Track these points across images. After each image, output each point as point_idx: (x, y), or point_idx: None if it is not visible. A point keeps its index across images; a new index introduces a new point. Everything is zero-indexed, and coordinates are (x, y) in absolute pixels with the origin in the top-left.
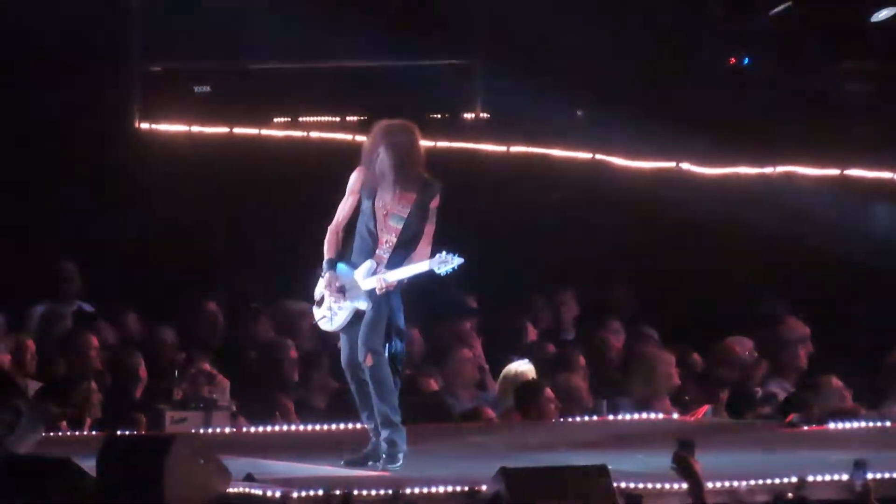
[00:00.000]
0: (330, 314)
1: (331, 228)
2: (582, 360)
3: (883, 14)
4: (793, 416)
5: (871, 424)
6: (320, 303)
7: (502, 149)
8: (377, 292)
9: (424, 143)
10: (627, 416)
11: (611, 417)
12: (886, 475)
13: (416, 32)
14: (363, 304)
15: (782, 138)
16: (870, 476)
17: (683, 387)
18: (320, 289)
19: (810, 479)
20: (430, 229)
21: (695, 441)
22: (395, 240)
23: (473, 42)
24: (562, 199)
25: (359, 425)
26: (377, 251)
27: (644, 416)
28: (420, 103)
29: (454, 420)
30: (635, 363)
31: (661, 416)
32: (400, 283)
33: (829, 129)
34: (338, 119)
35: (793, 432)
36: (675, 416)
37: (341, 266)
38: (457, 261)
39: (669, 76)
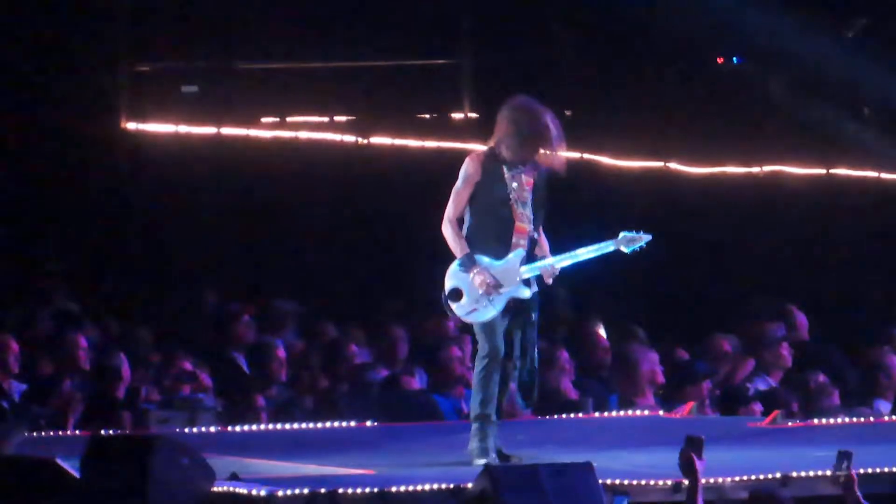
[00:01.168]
0: (481, 306)
1: (451, 221)
2: (566, 358)
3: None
4: (777, 413)
5: (853, 420)
6: (455, 297)
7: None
8: (546, 279)
9: (413, 143)
10: (613, 414)
11: (596, 415)
12: (874, 470)
13: (405, 32)
14: (526, 292)
15: (770, 137)
16: (854, 471)
17: (669, 383)
18: (458, 283)
19: (794, 474)
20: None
21: (703, 439)
22: (528, 227)
23: (461, 42)
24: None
25: (345, 424)
26: (514, 239)
27: (629, 413)
28: (408, 103)
29: (440, 418)
30: (620, 361)
31: (646, 413)
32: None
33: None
34: (326, 119)
35: (777, 428)
36: (661, 413)
37: (483, 258)
38: (645, 237)
39: (658, 75)
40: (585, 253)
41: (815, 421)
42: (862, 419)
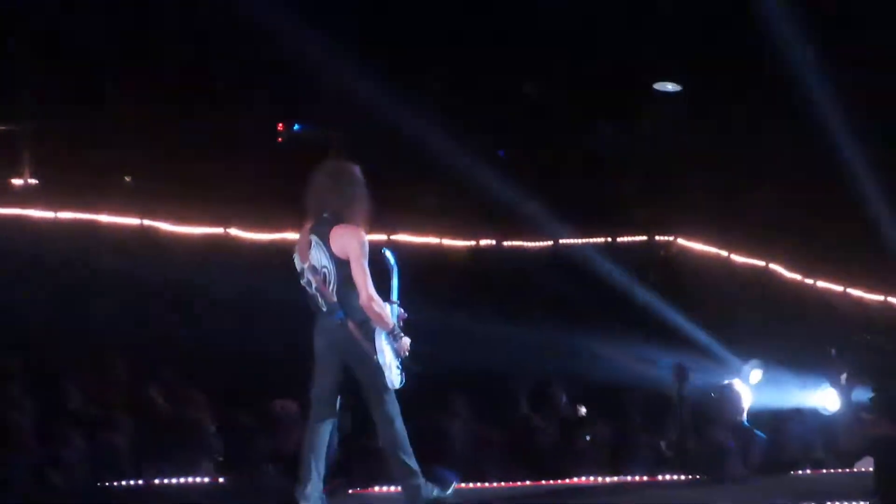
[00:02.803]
0: (397, 368)
1: (377, 296)
2: (125, 422)
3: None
4: (337, 483)
5: None
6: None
7: (51, 215)
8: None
9: None
10: (173, 481)
11: (157, 481)
12: None
13: None
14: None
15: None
16: None
17: (230, 450)
18: (389, 355)
19: None
20: None
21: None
22: None
23: (21, 106)
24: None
25: None
26: None
27: (190, 480)
28: None
29: None
30: (180, 426)
31: (206, 479)
32: None
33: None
34: None
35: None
36: (221, 479)
37: None
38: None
39: (218, 142)
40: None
41: (377, 488)
42: None
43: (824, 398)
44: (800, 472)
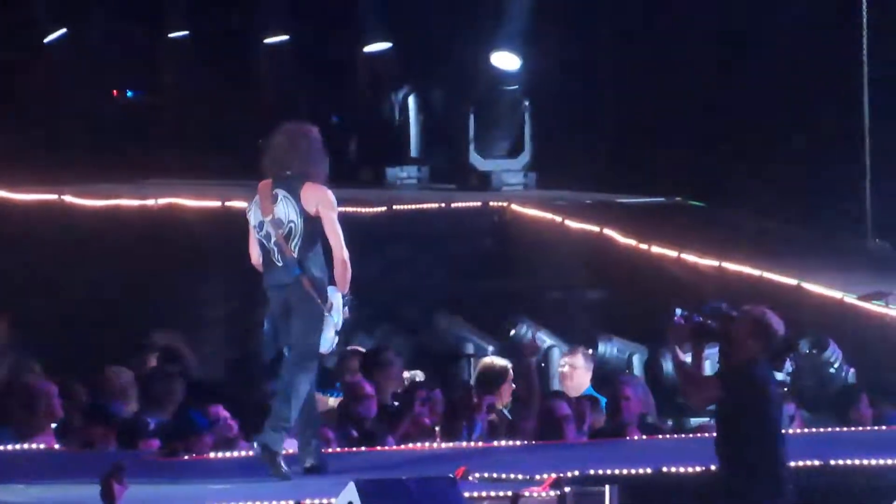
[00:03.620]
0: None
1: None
2: None
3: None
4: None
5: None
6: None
7: None
8: None
9: None
10: (10, 447)
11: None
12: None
13: None
14: None
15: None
16: None
17: (69, 417)
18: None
19: None
20: None
21: (125, 465)
22: None
23: None
24: None
25: None
26: None
27: (26, 446)
28: None
29: None
30: (15, 395)
31: (42, 446)
32: None
33: None
34: None
35: (174, 461)
36: (57, 446)
37: None
38: None
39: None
40: None
41: (212, 454)
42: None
43: (662, 362)
44: (634, 437)
